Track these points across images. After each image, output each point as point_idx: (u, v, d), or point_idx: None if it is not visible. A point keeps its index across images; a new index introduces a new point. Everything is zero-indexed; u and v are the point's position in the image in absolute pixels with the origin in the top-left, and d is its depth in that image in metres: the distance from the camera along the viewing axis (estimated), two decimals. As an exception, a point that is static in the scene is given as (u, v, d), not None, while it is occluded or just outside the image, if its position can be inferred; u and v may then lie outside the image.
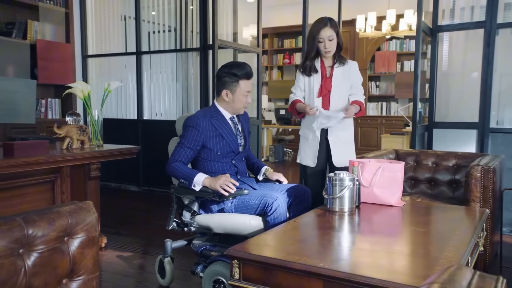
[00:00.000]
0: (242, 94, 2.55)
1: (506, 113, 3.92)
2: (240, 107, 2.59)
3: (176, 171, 2.45)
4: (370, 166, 2.46)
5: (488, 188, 2.77)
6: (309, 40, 2.96)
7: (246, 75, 2.54)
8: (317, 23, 2.93)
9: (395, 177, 2.42)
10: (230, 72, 2.53)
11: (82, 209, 1.56)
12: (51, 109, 5.57)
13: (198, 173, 2.42)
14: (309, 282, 1.58)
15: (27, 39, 5.18)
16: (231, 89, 2.55)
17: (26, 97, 3.63)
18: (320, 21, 2.92)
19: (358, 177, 2.40)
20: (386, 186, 2.42)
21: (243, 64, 2.58)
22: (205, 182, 2.39)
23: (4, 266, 1.28)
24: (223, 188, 2.33)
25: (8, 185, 2.84)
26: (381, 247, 1.85)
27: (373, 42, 8.75)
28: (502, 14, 3.85)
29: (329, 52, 2.93)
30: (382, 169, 2.42)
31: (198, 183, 2.40)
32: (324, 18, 2.93)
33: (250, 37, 7.61)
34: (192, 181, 2.40)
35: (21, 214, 1.41)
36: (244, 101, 2.56)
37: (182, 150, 2.49)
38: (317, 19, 2.98)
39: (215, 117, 2.59)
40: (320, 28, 2.89)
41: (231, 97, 2.56)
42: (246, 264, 1.70)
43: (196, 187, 2.41)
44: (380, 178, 2.41)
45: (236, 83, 2.53)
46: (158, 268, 2.75)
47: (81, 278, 1.53)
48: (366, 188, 2.44)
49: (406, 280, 1.43)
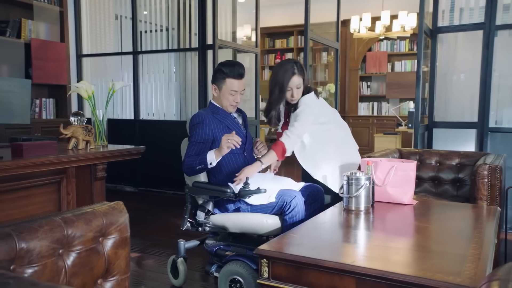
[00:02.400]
0: (228, 92, 2.57)
1: (505, 113, 4.00)
2: (227, 105, 2.61)
3: (190, 164, 2.47)
4: (383, 166, 2.49)
5: (495, 186, 2.82)
6: (274, 90, 2.68)
7: (234, 75, 2.56)
8: (284, 72, 2.64)
9: (408, 176, 2.46)
10: (221, 69, 2.59)
11: (115, 210, 1.55)
12: (45, 109, 5.49)
13: (207, 152, 2.44)
14: (341, 280, 1.59)
15: (21, 38, 5.10)
16: (218, 85, 2.60)
17: (21, 97, 3.58)
18: (286, 70, 2.64)
19: (372, 176, 2.43)
20: (399, 185, 2.45)
21: (235, 64, 2.61)
22: (216, 154, 2.41)
23: (47, 266, 1.27)
24: (232, 143, 2.32)
25: (15, 186, 2.79)
26: (406, 244, 1.88)
27: (365, 43, 8.83)
28: (501, 15, 3.93)
29: (295, 100, 2.70)
30: (396, 168, 2.45)
31: (212, 159, 2.42)
32: (290, 64, 2.66)
33: (244, 37, 7.62)
34: (206, 161, 2.42)
35: (58, 214, 1.40)
36: (231, 99, 2.59)
37: (192, 147, 2.51)
38: (281, 63, 2.74)
39: (216, 112, 2.63)
40: (288, 78, 2.63)
41: (218, 92, 2.61)
42: (275, 263, 1.71)
43: (213, 163, 2.43)
44: (394, 177, 2.44)
45: (223, 80, 2.57)
46: (171, 269, 2.73)
47: (115, 278, 1.52)
48: (379, 187, 2.47)
49: (440, 277, 1.45)
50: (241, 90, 2.60)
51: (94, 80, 5.92)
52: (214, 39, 4.60)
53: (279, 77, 2.65)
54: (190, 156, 2.49)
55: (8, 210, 2.77)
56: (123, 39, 5.97)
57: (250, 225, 2.41)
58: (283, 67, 2.68)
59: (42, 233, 1.27)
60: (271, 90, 2.71)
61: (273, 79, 2.69)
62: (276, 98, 2.69)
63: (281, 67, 2.69)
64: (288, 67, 2.65)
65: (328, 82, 8.70)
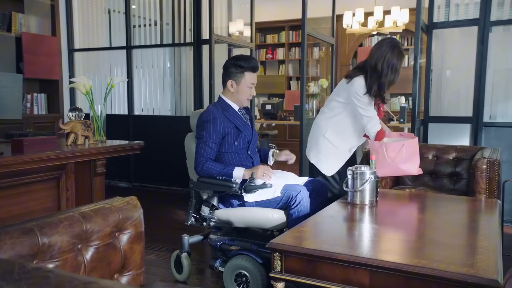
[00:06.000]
0: (246, 85, 2.58)
1: (499, 107, 4.06)
2: (245, 99, 2.62)
3: (211, 170, 2.46)
4: (394, 147, 2.65)
5: (493, 180, 2.87)
6: (387, 70, 2.66)
7: (252, 68, 2.59)
8: (400, 54, 2.68)
9: (414, 150, 2.61)
10: (236, 63, 2.58)
11: (129, 204, 1.55)
12: (37, 104, 5.42)
13: (235, 168, 2.44)
14: (355, 273, 1.61)
15: (11, 32, 5.02)
16: (236, 80, 2.58)
17: (12, 91, 3.52)
18: (401, 52, 2.70)
19: (381, 159, 2.57)
20: (408, 160, 2.64)
21: (250, 57, 2.64)
22: (246, 174, 2.44)
23: (68, 261, 1.26)
24: (266, 177, 2.43)
25: (15, 182, 2.75)
26: (416, 237, 1.91)
27: (356, 38, 8.86)
28: (496, 11, 3.98)
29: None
30: (406, 146, 2.57)
31: (238, 177, 2.43)
32: (400, 47, 2.71)
33: (237, 32, 7.59)
34: (231, 176, 2.43)
35: (76, 209, 1.39)
36: (248, 93, 2.60)
37: (207, 148, 2.48)
38: (395, 43, 2.70)
39: (226, 110, 2.60)
40: (402, 61, 2.73)
41: (235, 87, 2.59)
42: (288, 257, 1.72)
43: (237, 181, 2.44)
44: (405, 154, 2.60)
45: (242, 74, 2.57)
46: (174, 264, 2.73)
47: (130, 273, 1.52)
48: (392, 165, 2.58)
49: (455, 269, 1.47)
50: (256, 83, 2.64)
51: (86, 75, 5.84)
52: (210, 33, 4.58)
53: (396, 57, 2.66)
54: (209, 160, 2.47)
55: (7, 206, 2.73)
56: (115, 33, 5.91)
57: (255, 220, 2.42)
58: (398, 48, 2.69)
59: (62, 228, 1.26)
60: (381, 68, 2.66)
61: (387, 58, 2.65)
62: (391, 80, 2.70)
63: (397, 48, 2.68)
64: (401, 50, 2.69)
65: (320, 77, 8.73)
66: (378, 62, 2.67)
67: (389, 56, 2.66)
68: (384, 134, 2.76)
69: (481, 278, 1.40)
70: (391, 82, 2.73)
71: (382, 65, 2.66)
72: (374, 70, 2.69)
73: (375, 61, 2.68)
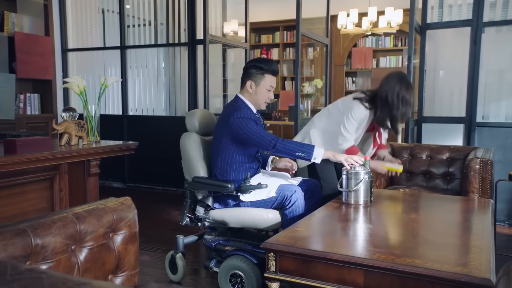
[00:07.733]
0: (265, 87, 2.57)
1: (492, 108, 4.09)
2: (262, 101, 2.60)
3: (289, 146, 2.42)
4: None
5: (486, 179, 2.89)
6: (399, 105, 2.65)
7: (273, 71, 2.58)
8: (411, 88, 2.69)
9: None
10: (258, 65, 2.57)
11: (123, 205, 1.54)
12: (29, 105, 5.39)
13: (315, 147, 2.43)
14: (350, 273, 1.61)
15: (4, 31, 4.99)
16: (255, 81, 2.57)
17: (5, 91, 3.51)
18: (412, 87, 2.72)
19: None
20: None
21: (271, 61, 2.64)
22: (326, 154, 2.44)
23: (61, 262, 1.26)
24: (351, 162, 2.42)
25: (8, 183, 2.74)
26: (410, 237, 1.91)
27: (350, 39, 8.89)
28: (488, 12, 4.01)
29: None
30: None
31: (318, 156, 2.42)
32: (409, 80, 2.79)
33: (231, 32, 7.59)
34: (312, 153, 2.41)
35: (69, 210, 1.38)
36: (266, 95, 2.59)
37: (267, 134, 2.45)
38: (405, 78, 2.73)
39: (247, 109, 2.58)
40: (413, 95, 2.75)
41: (254, 88, 2.57)
42: (283, 257, 1.72)
43: (317, 160, 2.43)
44: None
45: (262, 75, 2.56)
46: (169, 264, 2.72)
47: (124, 274, 1.52)
48: None
49: (448, 268, 1.48)
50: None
51: (80, 74, 5.81)
52: (205, 34, 4.58)
53: (405, 90, 2.65)
54: (277, 137, 2.44)
55: (0, 207, 2.71)
56: (109, 33, 5.88)
57: (250, 220, 2.42)
58: (407, 80, 2.69)
59: (55, 229, 1.26)
60: (392, 101, 2.64)
61: (396, 91, 2.63)
62: (403, 112, 2.67)
63: (405, 80, 2.68)
64: (410, 82, 2.71)
65: (315, 77, 8.74)
66: (388, 95, 2.65)
67: (397, 89, 2.64)
68: (356, 152, 2.72)
69: (474, 277, 1.40)
70: (404, 115, 2.70)
71: (392, 98, 2.64)
72: (385, 103, 2.67)
73: (385, 94, 2.66)
